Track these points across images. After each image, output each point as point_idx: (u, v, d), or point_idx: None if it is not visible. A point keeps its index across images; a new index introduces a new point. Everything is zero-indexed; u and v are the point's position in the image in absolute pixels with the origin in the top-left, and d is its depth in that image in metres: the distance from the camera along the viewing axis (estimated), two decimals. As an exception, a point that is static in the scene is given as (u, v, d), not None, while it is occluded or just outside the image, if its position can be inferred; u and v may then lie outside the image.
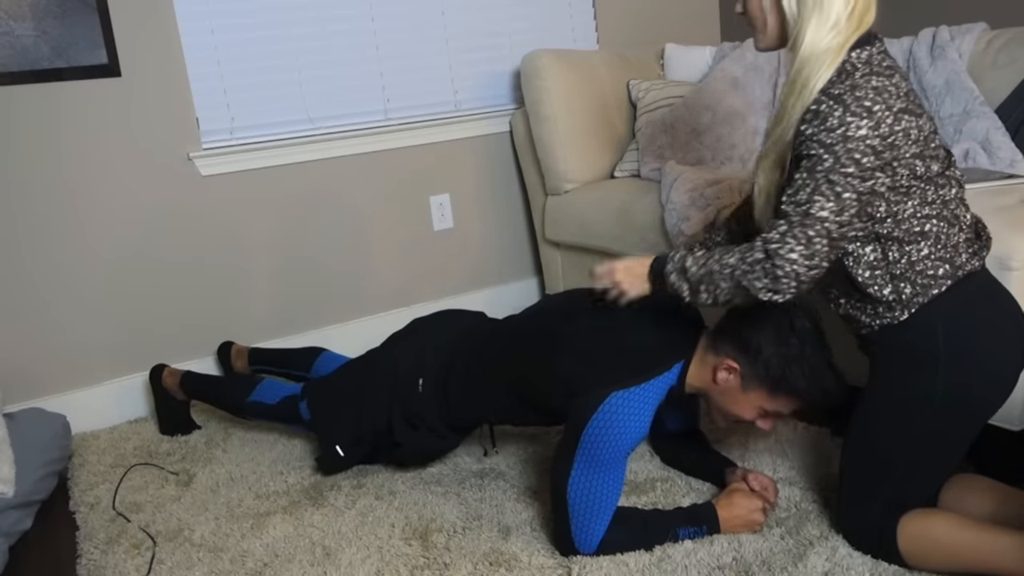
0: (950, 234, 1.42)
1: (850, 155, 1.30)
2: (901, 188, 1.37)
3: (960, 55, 2.33)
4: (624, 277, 1.57)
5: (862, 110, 1.30)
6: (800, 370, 1.51)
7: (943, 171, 1.41)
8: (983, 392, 1.44)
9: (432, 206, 2.92)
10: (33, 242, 2.32)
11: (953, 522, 1.45)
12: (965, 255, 1.44)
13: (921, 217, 1.39)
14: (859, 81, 1.32)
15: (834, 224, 1.33)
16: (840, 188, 1.32)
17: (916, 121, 1.35)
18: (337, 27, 2.66)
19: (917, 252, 1.41)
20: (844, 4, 1.34)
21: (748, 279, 1.38)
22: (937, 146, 1.40)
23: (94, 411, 2.45)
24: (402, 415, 1.87)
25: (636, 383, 1.56)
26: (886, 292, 1.43)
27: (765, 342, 1.52)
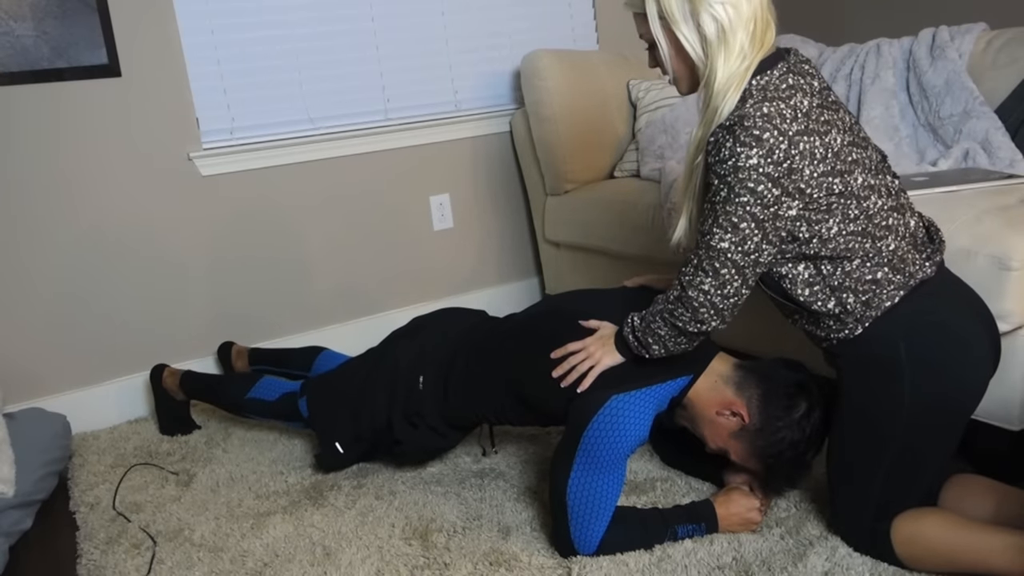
0: (882, 247, 1.41)
1: (743, 185, 1.31)
2: (821, 208, 1.37)
3: (960, 55, 2.33)
4: (597, 348, 1.61)
5: (751, 139, 1.30)
6: (790, 464, 1.57)
7: (869, 182, 1.40)
8: (955, 396, 1.44)
9: (432, 206, 2.92)
10: (33, 242, 2.32)
11: (946, 522, 1.45)
12: (915, 263, 1.43)
13: (847, 235, 1.39)
14: (749, 110, 1.32)
15: (738, 254, 1.36)
16: (736, 219, 1.33)
17: (819, 139, 1.34)
18: (337, 27, 2.66)
19: (850, 264, 1.41)
20: (746, 32, 1.35)
21: (674, 317, 1.46)
22: (856, 159, 1.39)
23: (94, 411, 2.45)
24: (402, 413, 1.87)
25: (637, 387, 1.56)
26: (830, 306, 1.44)
27: (786, 425, 1.53)
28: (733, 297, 1.41)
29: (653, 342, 1.53)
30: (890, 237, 1.42)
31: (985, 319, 1.49)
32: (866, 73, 2.47)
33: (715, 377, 1.61)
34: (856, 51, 2.55)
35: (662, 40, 1.42)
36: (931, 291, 1.45)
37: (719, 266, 1.38)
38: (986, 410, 1.74)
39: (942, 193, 1.89)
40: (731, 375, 1.60)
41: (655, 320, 1.51)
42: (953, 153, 2.21)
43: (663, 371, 1.59)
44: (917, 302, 1.43)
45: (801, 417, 1.52)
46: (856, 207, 1.39)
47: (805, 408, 1.53)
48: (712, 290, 1.40)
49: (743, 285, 1.41)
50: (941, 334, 1.43)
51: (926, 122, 2.35)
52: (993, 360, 1.50)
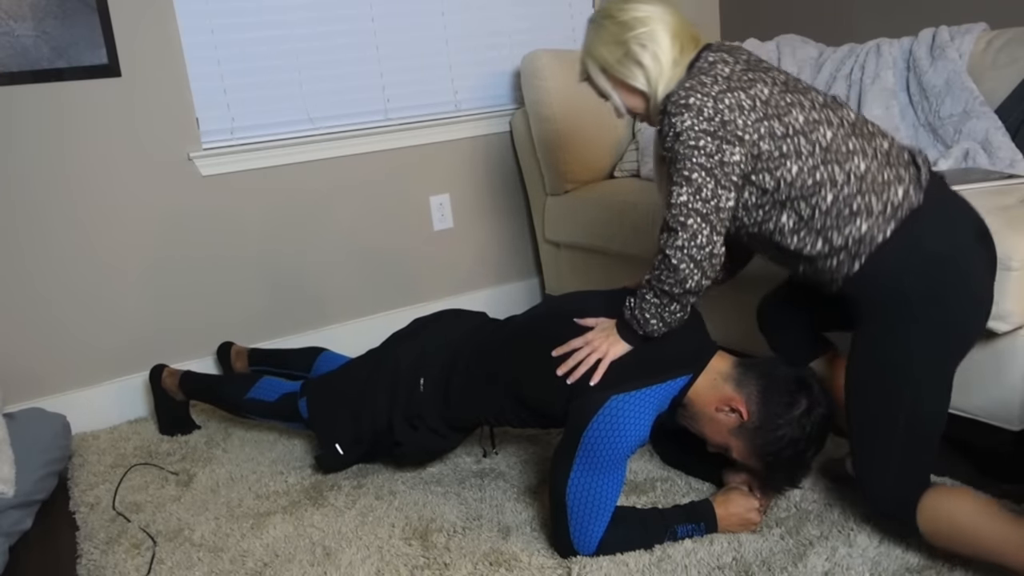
0: (850, 172, 1.44)
1: (685, 145, 1.44)
2: (773, 155, 1.45)
3: (960, 55, 2.33)
4: (601, 341, 1.62)
5: (681, 108, 1.45)
6: (790, 462, 1.56)
7: (812, 117, 1.46)
8: (962, 328, 1.45)
9: (432, 206, 2.92)
10: (33, 242, 2.32)
11: (977, 505, 1.42)
12: (896, 189, 1.45)
13: (809, 169, 1.45)
14: (676, 93, 1.47)
15: (698, 203, 1.44)
16: (687, 172, 1.44)
17: (744, 93, 1.45)
18: (337, 27, 2.66)
19: (824, 201, 1.45)
20: (674, 46, 1.53)
21: (660, 283, 1.51)
22: (792, 101, 1.47)
23: (94, 411, 2.45)
24: (403, 414, 1.87)
25: (636, 387, 1.56)
26: (820, 246, 1.48)
27: (786, 423, 1.53)
28: (707, 247, 1.46)
29: (650, 316, 1.55)
30: (856, 158, 1.45)
31: (983, 237, 1.49)
32: (866, 73, 2.47)
33: (715, 375, 1.61)
34: (856, 51, 2.55)
35: (611, 90, 1.61)
36: (924, 220, 1.45)
37: (684, 219, 1.45)
38: (986, 410, 1.74)
39: (942, 193, 1.88)
40: (731, 372, 1.60)
41: (645, 294, 1.55)
42: (953, 153, 2.21)
43: (663, 371, 1.59)
44: (910, 235, 1.44)
45: (801, 415, 1.52)
46: (806, 142, 1.45)
47: (805, 406, 1.53)
48: (685, 244, 1.46)
49: (712, 232, 1.46)
50: (940, 268, 1.43)
51: (926, 122, 2.35)
52: (991, 274, 1.51)
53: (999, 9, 2.55)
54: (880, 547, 1.55)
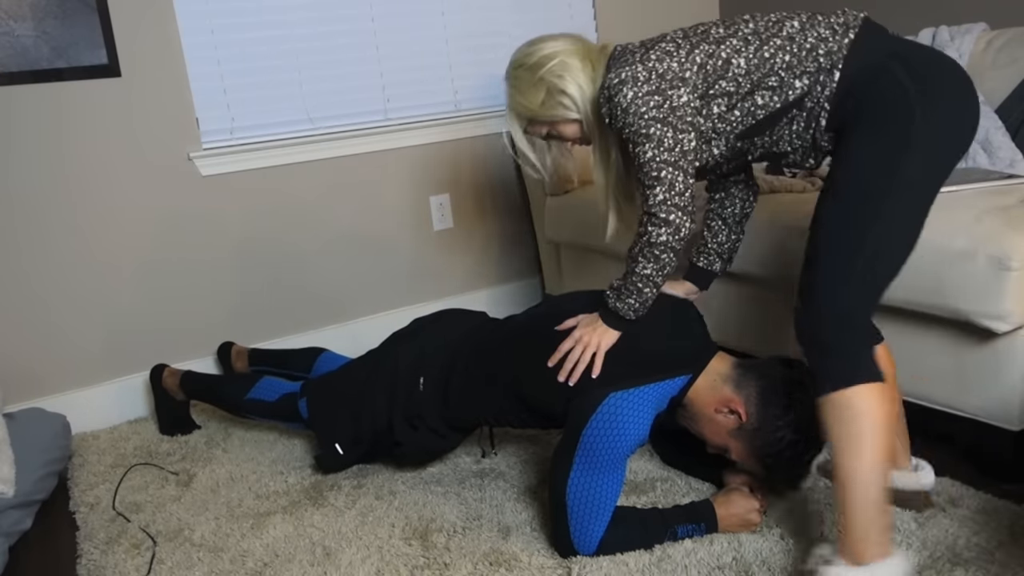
0: (790, 31, 1.46)
1: (636, 113, 1.50)
2: (716, 65, 1.49)
3: (960, 55, 2.33)
4: (588, 334, 1.63)
5: (617, 87, 1.51)
6: (789, 464, 1.56)
7: (728, 25, 1.53)
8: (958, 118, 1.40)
9: (432, 206, 2.92)
10: (33, 242, 2.32)
11: (886, 424, 1.34)
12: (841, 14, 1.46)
13: (754, 53, 1.47)
14: (607, 79, 1.54)
15: (663, 153, 1.50)
16: (647, 131, 1.50)
17: (663, 44, 1.53)
18: (337, 27, 2.66)
19: (782, 64, 1.46)
20: (586, 66, 1.60)
21: (650, 238, 1.53)
22: (706, 27, 1.55)
23: (94, 411, 2.45)
24: (403, 414, 1.87)
25: (635, 385, 1.56)
26: (799, 85, 1.45)
27: (785, 424, 1.52)
28: (686, 192, 1.51)
29: (638, 282, 1.57)
30: (787, 21, 1.48)
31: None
32: (866, 73, 2.47)
33: (714, 376, 1.61)
34: (856, 51, 2.55)
35: (547, 130, 1.68)
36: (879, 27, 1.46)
37: (656, 173, 1.50)
38: (986, 410, 1.74)
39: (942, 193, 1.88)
40: (730, 373, 1.60)
41: (633, 263, 1.57)
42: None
43: (662, 370, 1.59)
44: (873, 30, 1.44)
45: (799, 419, 1.52)
46: (737, 40, 1.49)
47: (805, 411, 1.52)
48: (667, 196, 1.50)
49: (686, 177, 1.51)
50: (927, 53, 1.42)
51: (926, 122, 2.35)
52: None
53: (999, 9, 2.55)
54: (880, 547, 1.55)
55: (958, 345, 1.76)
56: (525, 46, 1.66)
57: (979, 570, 1.46)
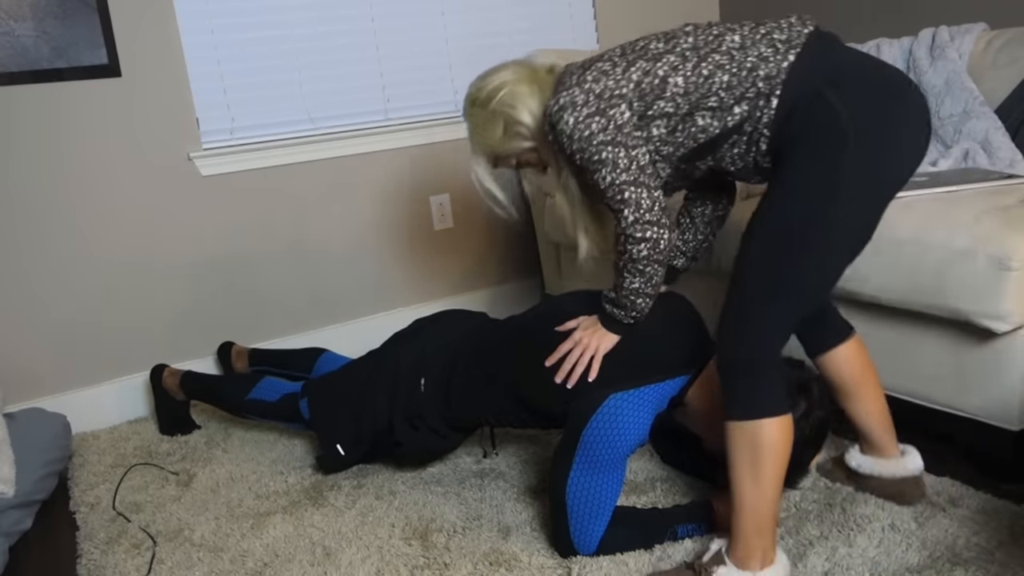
0: (730, 47, 1.43)
1: (581, 138, 1.48)
2: (653, 84, 1.46)
3: (960, 55, 2.33)
4: (588, 337, 1.63)
5: (558, 115, 1.50)
6: (789, 465, 1.51)
7: (667, 40, 1.49)
8: (893, 149, 1.38)
9: (432, 206, 2.92)
10: (33, 241, 2.32)
11: (783, 461, 1.39)
12: (784, 28, 1.43)
13: (692, 71, 1.44)
14: (549, 108, 1.53)
15: (622, 175, 1.47)
16: (598, 155, 1.47)
17: (599, 63, 1.52)
18: (337, 27, 2.66)
19: (721, 84, 1.42)
20: (535, 92, 1.59)
21: (631, 256, 1.52)
22: (644, 43, 1.51)
23: (94, 411, 2.45)
24: (404, 415, 1.87)
25: (635, 386, 1.56)
26: (738, 111, 1.42)
27: None
28: (654, 205, 1.49)
29: (633, 294, 1.56)
30: (728, 35, 1.45)
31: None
32: (866, 73, 2.47)
33: (714, 375, 1.60)
34: (856, 51, 2.55)
35: (514, 160, 1.68)
36: (824, 38, 1.42)
37: (621, 195, 1.48)
38: (986, 410, 1.74)
39: (942, 193, 1.89)
40: None
41: (621, 281, 1.56)
42: (953, 153, 2.21)
43: (662, 370, 1.59)
44: (815, 49, 1.39)
45: (800, 417, 1.52)
46: (675, 56, 1.46)
47: (805, 408, 1.53)
48: (636, 215, 1.48)
49: (650, 191, 1.49)
50: (867, 76, 1.38)
51: (926, 122, 2.35)
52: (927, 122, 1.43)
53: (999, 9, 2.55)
54: (880, 547, 1.55)
55: (958, 345, 1.76)
56: (476, 81, 1.66)
57: (979, 570, 1.46)
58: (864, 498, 1.71)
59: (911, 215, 1.79)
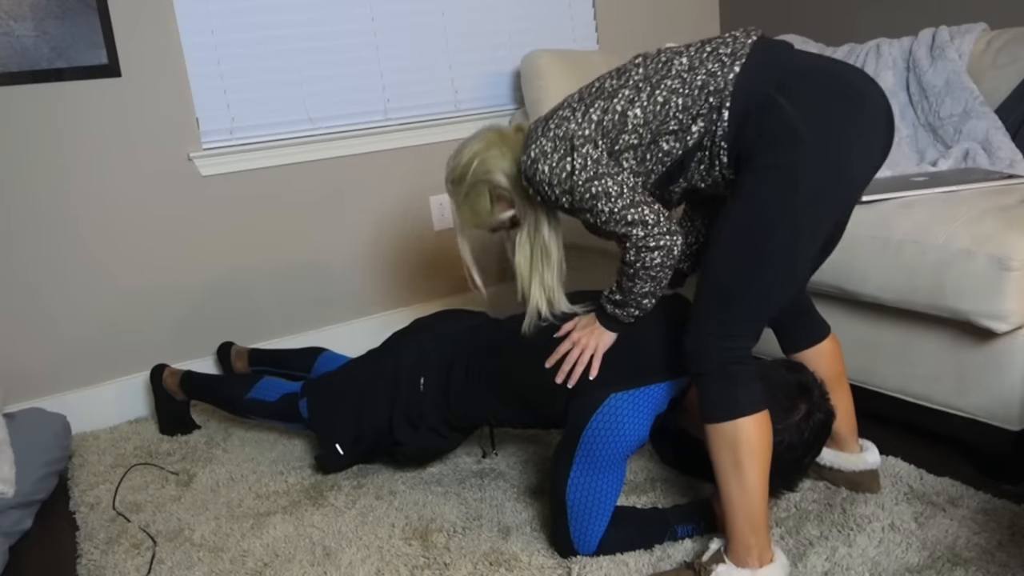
0: (680, 70, 1.46)
1: (561, 183, 1.51)
2: (615, 120, 1.49)
3: (960, 55, 2.33)
4: (585, 336, 1.64)
5: (533, 168, 1.54)
6: (788, 467, 1.55)
7: (619, 76, 1.53)
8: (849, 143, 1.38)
9: (432, 206, 2.92)
10: (33, 242, 2.32)
11: (763, 457, 1.41)
12: (730, 42, 1.46)
13: (647, 101, 1.47)
14: (523, 163, 1.57)
15: (619, 200, 1.48)
16: (587, 192, 1.49)
17: (560, 111, 1.55)
18: (337, 27, 2.66)
19: (678, 107, 1.45)
20: (503, 156, 1.63)
21: (644, 264, 1.50)
22: (599, 83, 1.55)
23: (94, 411, 2.45)
24: (403, 415, 1.87)
25: (636, 386, 1.56)
26: (695, 129, 1.45)
27: (785, 428, 1.51)
28: (661, 218, 1.48)
29: (637, 296, 1.55)
30: (676, 59, 1.48)
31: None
32: (866, 73, 2.47)
33: None
34: (856, 51, 2.56)
35: (501, 219, 1.68)
36: (771, 44, 1.44)
37: (625, 222, 1.48)
38: (986, 410, 1.74)
39: (942, 193, 1.89)
40: None
41: (628, 282, 1.55)
42: (953, 153, 2.21)
43: (662, 371, 1.59)
44: (759, 55, 1.42)
45: (800, 420, 1.52)
46: (630, 90, 1.49)
47: (805, 411, 1.52)
48: (645, 233, 1.48)
49: (649, 207, 1.48)
50: (815, 75, 1.39)
51: (926, 122, 2.35)
52: (888, 119, 1.44)
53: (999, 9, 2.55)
54: (880, 547, 1.55)
55: (958, 345, 1.76)
56: (449, 161, 1.70)
57: (979, 570, 1.46)
58: (864, 498, 1.71)
59: (911, 215, 1.80)
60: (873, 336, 1.93)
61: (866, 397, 1.98)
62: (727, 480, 1.43)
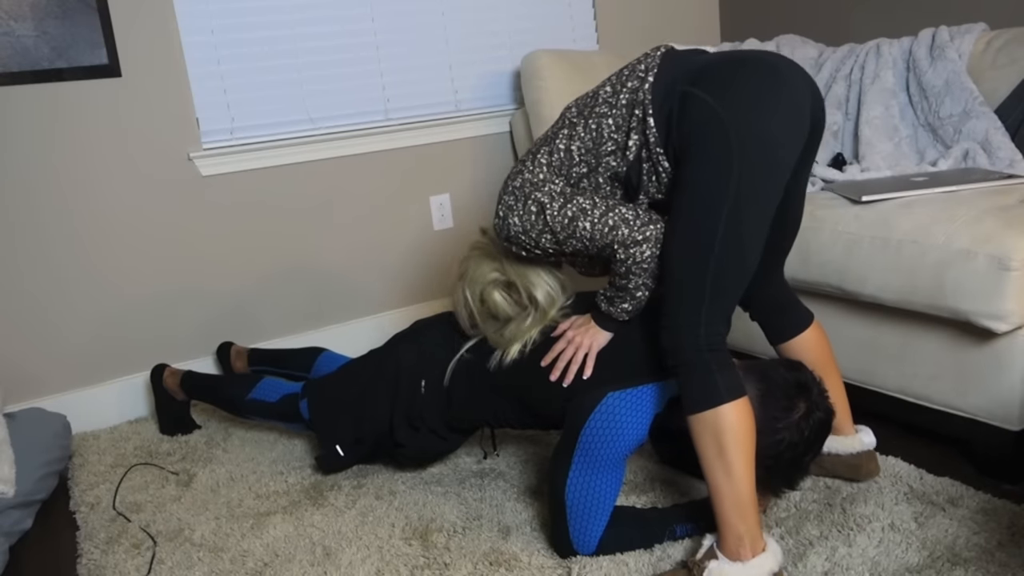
0: (606, 97, 1.56)
1: (543, 229, 1.58)
2: (564, 159, 1.59)
3: (960, 55, 2.33)
4: (580, 335, 1.65)
5: (504, 227, 1.64)
6: (788, 465, 1.55)
7: (557, 120, 1.66)
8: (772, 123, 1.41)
9: (432, 206, 2.92)
10: (34, 241, 2.32)
11: (747, 441, 1.42)
12: (646, 59, 1.55)
13: (584, 131, 1.57)
14: (496, 226, 1.67)
15: (594, 211, 1.54)
16: (565, 220, 1.55)
17: (512, 171, 1.66)
18: (337, 27, 2.66)
19: (611, 128, 1.54)
20: (485, 263, 1.77)
21: (634, 259, 1.53)
22: (543, 133, 1.66)
23: (94, 411, 2.45)
24: (404, 416, 1.87)
25: (633, 385, 1.56)
26: (632, 143, 1.52)
27: (785, 427, 1.52)
28: (640, 212, 1.53)
29: (634, 289, 1.57)
30: (601, 89, 1.59)
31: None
32: (866, 73, 2.47)
33: None
34: (856, 51, 2.56)
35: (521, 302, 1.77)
36: (687, 56, 1.52)
37: (607, 226, 1.52)
38: (986, 410, 1.74)
39: (942, 193, 1.89)
40: None
41: (622, 280, 1.57)
42: (953, 153, 2.21)
43: (659, 370, 1.59)
44: (676, 63, 1.51)
45: (800, 418, 1.52)
46: (562, 125, 1.61)
47: (804, 409, 1.52)
48: (632, 227, 1.52)
49: (623, 205, 1.54)
50: (727, 64, 1.45)
51: (926, 122, 2.35)
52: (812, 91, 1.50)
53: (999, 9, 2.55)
54: (880, 547, 1.55)
55: (958, 345, 1.77)
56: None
57: (979, 570, 1.46)
58: (864, 498, 1.71)
59: (911, 215, 1.80)
60: (873, 336, 1.93)
61: (866, 397, 1.98)
62: (712, 469, 1.44)
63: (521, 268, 1.74)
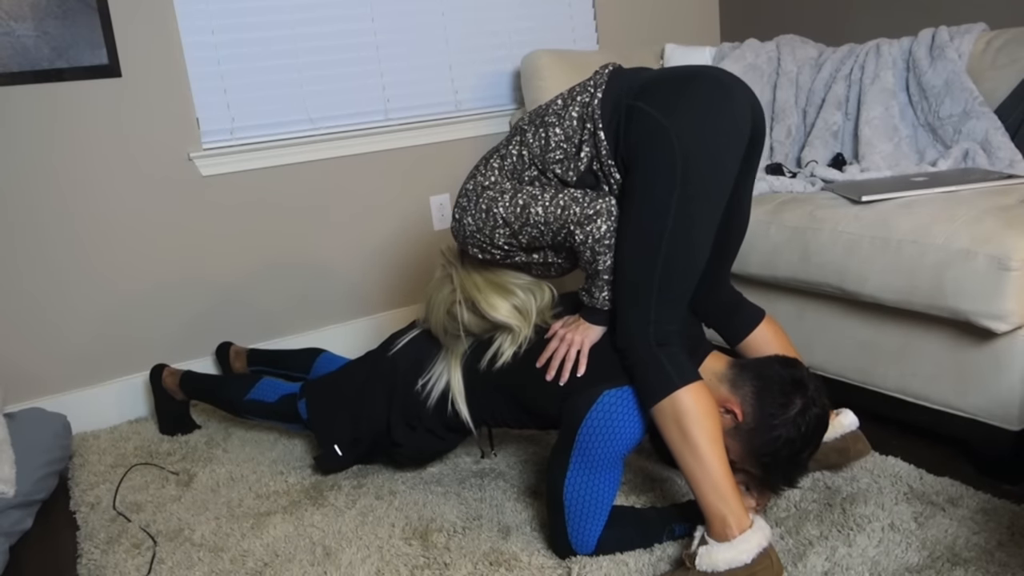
0: (556, 109, 1.63)
1: (488, 219, 1.63)
2: (516, 163, 1.66)
3: (960, 55, 2.33)
4: (572, 332, 1.67)
5: (460, 230, 1.70)
6: (786, 463, 1.55)
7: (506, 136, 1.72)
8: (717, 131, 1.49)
9: (432, 206, 2.92)
10: (33, 241, 2.32)
11: (708, 418, 1.47)
12: (595, 75, 1.63)
13: (534, 138, 1.64)
14: (453, 232, 1.73)
15: (543, 195, 1.59)
16: (517, 209, 1.60)
17: (467, 180, 1.71)
18: (337, 27, 2.66)
19: (558, 137, 1.61)
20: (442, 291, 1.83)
21: (593, 236, 1.56)
22: (497, 148, 1.72)
23: (94, 411, 2.45)
24: (401, 416, 1.87)
25: (628, 383, 1.56)
26: (585, 154, 1.59)
27: (782, 423, 1.51)
28: (586, 190, 1.59)
29: (603, 272, 1.59)
30: (553, 103, 1.65)
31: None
32: (866, 73, 2.47)
33: (709, 375, 1.60)
34: (856, 51, 2.56)
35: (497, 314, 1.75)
36: (633, 72, 1.62)
37: (558, 208, 1.57)
38: (986, 410, 1.74)
39: (942, 193, 1.89)
40: (726, 373, 1.60)
41: (591, 264, 1.60)
42: (953, 153, 2.21)
43: None
44: (623, 79, 1.59)
45: (797, 415, 1.52)
46: (514, 134, 1.68)
47: (800, 406, 1.52)
48: (581, 205, 1.56)
49: (569, 188, 1.61)
50: (671, 78, 1.53)
51: (926, 122, 2.35)
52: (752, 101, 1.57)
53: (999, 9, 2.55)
54: (880, 547, 1.55)
55: (958, 345, 1.77)
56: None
57: (979, 570, 1.46)
58: (864, 498, 1.71)
59: (911, 215, 1.80)
60: (873, 336, 1.93)
61: (866, 397, 1.98)
62: (682, 455, 1.48)
63: (485, 287, 1.75)
